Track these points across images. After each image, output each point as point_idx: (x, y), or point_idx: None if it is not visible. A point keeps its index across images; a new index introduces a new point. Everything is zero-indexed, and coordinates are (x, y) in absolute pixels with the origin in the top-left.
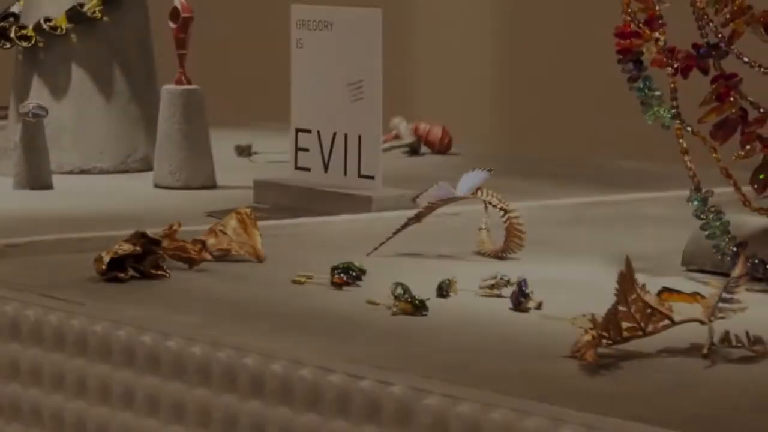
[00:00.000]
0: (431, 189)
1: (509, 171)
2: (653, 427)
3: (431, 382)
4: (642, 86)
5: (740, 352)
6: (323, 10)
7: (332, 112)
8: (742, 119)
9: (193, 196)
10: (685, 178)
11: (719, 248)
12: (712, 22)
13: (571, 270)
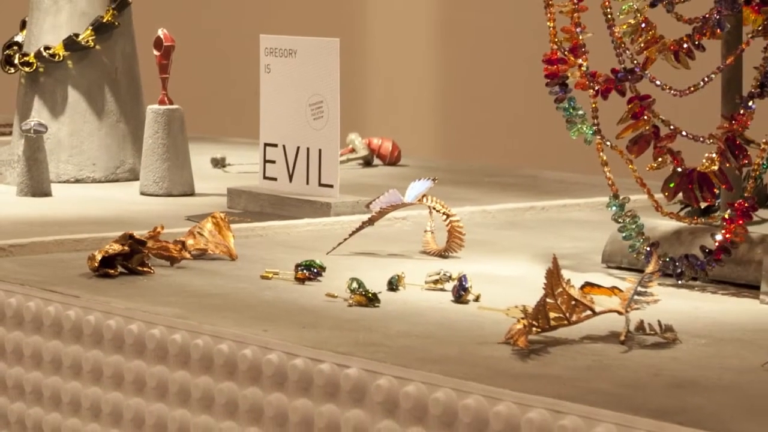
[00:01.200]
0: (382, 196)
1: (451, 180)
2: (577, 404)
3: (383, 365)
4: (567, 106)
5: (653, 338)
6: (288, 39)
7: (296, 129)
8: (654, 135)
9: (174, 203)
10: (604, 187)
11: (635, 248)
12: (628, 50)
13: (505, 267)
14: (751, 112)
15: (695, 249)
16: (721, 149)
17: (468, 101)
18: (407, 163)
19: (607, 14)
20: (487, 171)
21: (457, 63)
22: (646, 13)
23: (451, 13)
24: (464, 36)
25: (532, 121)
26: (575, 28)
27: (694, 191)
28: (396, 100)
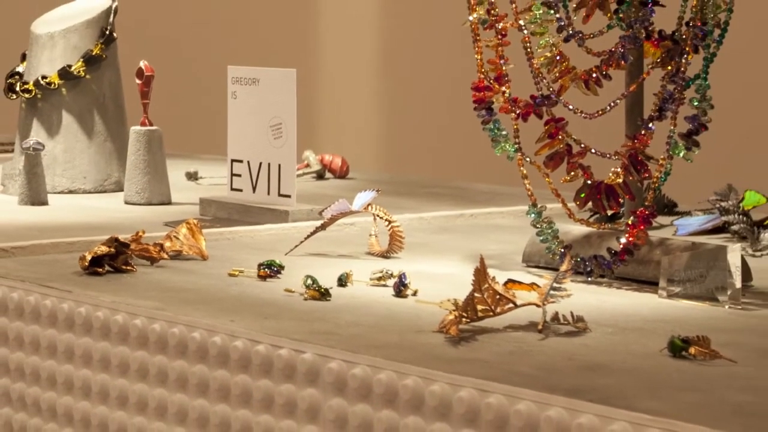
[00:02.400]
0: (333, 205)
1: (392, 191)
2: (501, 384)
3: (334, 350)
4: (492, 127)
5: (566, 327)
6: (252, 69)
7: (259, 147)
8: (567, 152)
9: (154, 211)
10: (525, 197)
11: (551, 249)
12: (545, 79)
13: (439, 266)
14: (651, 132)
15: (603, 250)
16: (625, 164)
17: (407, 123)
18: (354, 177)
19: (527, 48)
20: (424, 183)
21: (398, 90)
22: (560, 47)
23: (392, 47)
24: (403, 67)
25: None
26: (499, 60)
27: (602, 201)
28: (345, 121)
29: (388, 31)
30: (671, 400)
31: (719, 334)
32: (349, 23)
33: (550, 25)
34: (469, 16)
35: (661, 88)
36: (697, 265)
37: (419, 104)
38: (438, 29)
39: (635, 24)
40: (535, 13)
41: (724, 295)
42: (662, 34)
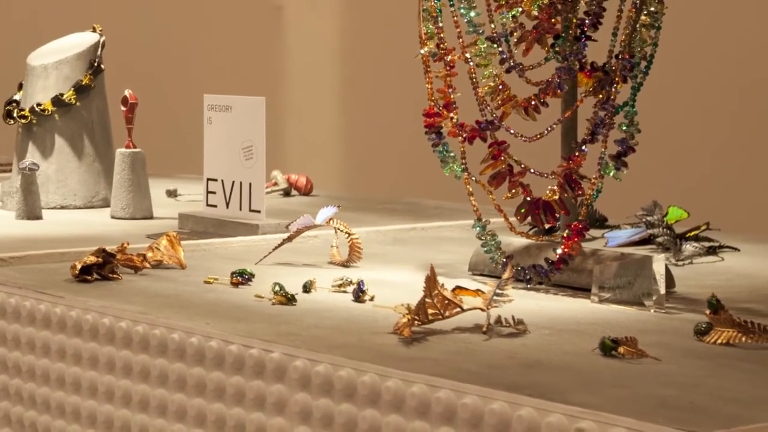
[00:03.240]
0: (298, 219)
1: (352, 207)
2: (449, 381)
3: (299, 350)
4: (442, 150)
5: (508, 329)
6: (225, 97)
7: (232, 167)
8: (509, 172)
9: (137, 224)
10: (471, 212)
11: (494, 259)
12: (489, 106)
13: (394, 274)
14: (584, 154)
15: (541, 260)
16: (561, 183)
17: (365, 145)
18: (318, 194)
19: (473, 78)
20: (380, 200)
21: (357, 116)
22: (502, 77)
23: (352, 77)
24: (362, 95)
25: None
26: (448, 89)
27: (540, 215)
28: (309, 144)
29: (349, 64)
30: (602, 394)
31: (645, 335)
32: (313, 56)
33: (493, 57)
34: (420, 50)
35: (594, 114)
36: (625, 274)
37: (376, 129)
38: (393, 62)
39: (570, 57)
40: (480, 47)
41: (649, 300)
42: (594, 65)
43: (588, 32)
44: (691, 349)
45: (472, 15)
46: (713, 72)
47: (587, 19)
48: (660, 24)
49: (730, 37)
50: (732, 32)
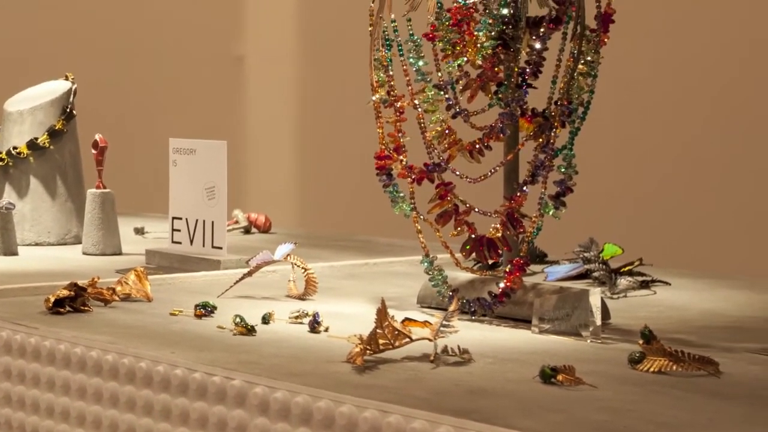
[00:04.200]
0: (258, 255)
1: (308, 243)
2: (399, 406)
3: (258, 377)
4: (392, 190)
5: (454, 358)
6: (189, 141)
7: (195, 206)
8: (455, 211)
9: (107, 260)
10: (419, 249)
11: (441, 293)
12: (436, 149)
13: (347, 307)
14: (525, 194)
15: (485, 294)
16: (503, 221)
17: (321, 186)
18: (276, 231)
19: (421, 123)
20: (334, 237)
21: (312, 158)
22: (449, 122)
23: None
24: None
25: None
26: (398, 133)
27: (484, 252)
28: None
29: (305, 110)
30: (542, 419)
31: (583, 364)
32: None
33: (440, 104)
34: (372, 97)
35: (534, 157)
36: (564, 306)
37: (331, 171)
38: (347, 108)
39: (512, 103)
40: (428, 94)
41: (586, 331)
42: (535, 111)
43: (529, 80)
44: (625, 376)
45: (421, 64)
46: (646, 117)
47: (528, 67)
48: (596, 72)
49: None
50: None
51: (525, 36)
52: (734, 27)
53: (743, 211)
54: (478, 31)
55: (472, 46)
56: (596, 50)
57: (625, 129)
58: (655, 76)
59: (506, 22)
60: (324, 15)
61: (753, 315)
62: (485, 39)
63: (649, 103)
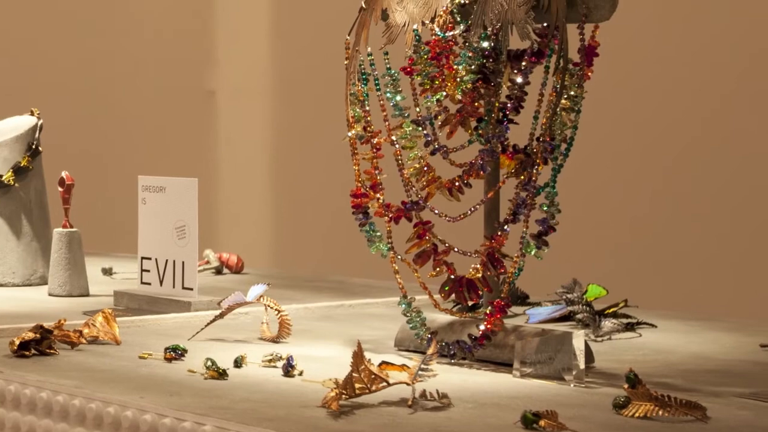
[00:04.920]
0: (230, 296)
1: (281, 284)
2: None
3: (230, 423)
4: (368, 229)
5: (433, 403)
6: (159, 179)
7: (165, 246)
8: (434, 251)
9: (74, 302)
10: (396, 290)
11: (419, 335)
12: (414, 187)
13: (322, 349)
14: (506, 233)
15: (464, 336)
16: (484, 261)
17: (294, 225)
18: (249, 272)
19: (398, 160)
20: (309, 277)
21: (286, 196)
22: (427, 159)
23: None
24: (291, 176)
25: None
26: (374, 170)
27: (464, 293)
28: (240, 224)
29: (279, 146)
30: None
31: (566, 409)
32: (245, 138)
33: (418, 140)
34: (348, 133)
35: (515, 195)
36: (546, 349)
37: (305, 209)
38: (321, 144)
39: (492, 139)
40: (406, 130)
41: (570, 375)
42: (516, 148)
43: (510, 115)
44: (610, 422)
45: (398, 99)
46: (630, 153)
47: (509, 102)
48: (580, 107)
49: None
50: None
51: (506, 70)
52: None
53: (732, 252)
54: (457, 65)
55: (452, 80)
56: (580, 84)
57: (609, 165)
58: (639, 110)
59: (487, 56)
60: (298, 48)
61: (742, 358)
62: (465, 73)
63: (634, 139)
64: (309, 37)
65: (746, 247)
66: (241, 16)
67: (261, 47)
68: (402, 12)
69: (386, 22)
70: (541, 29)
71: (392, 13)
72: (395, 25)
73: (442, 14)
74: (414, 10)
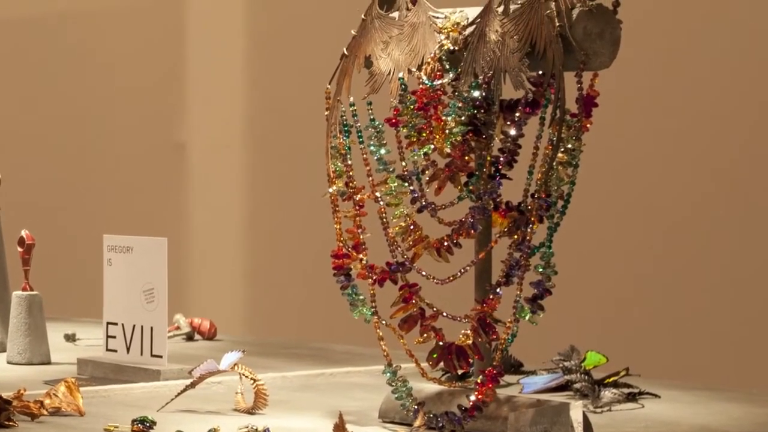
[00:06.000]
0: (202, 364)
1: (257, 352)
2: None
3: None
4: (351, 292)
5: None
6: (126, 238)
7: (132, 310)
8: (421, 316)
9: (35, 370)
10: (381, 357)
11: (405, 406)
12: (400, 247)
13: (301, 421)
14: (498, 297)
15: (454, 407)
16: (474, 327)
17: (271, 288)
18: (222, 338)
19: (383, 218)
20: (286, 344)
21: (262, 256)
22: (414, 217)
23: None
24: (267, 235)
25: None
26: (357, 229)
27: (453, 361)
28: (213, 287)
29: (254, 203)
30: None
31: None
32: (217, 194)
33: (404, 196)
34: (329, 188)
35: (508, 255)
36: (541, 421)
37: (282, 270)
38: (300, 200)
39: (484, 196)
40: (391, 186)
41: None
42: (509, 205)
43: (503, 170)
44: None
45: (383, 152)
46: (631, 211)
47: (502, 156)
48: (578, 162)
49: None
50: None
51: (498, 121)
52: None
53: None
54: (446, 116)
55: (440, 132)
56: (578, 137)
57: (609, 224)
58: (642, 165)
59: (478, 106)
60: (275, 97)
61: (751, 430)
62: (454, 124)
63: (636, 196)
64: (286, 86)
65: (756, 313)
66: (213, 62)
67: (235, 96)
68: (387, 59)
69: (370, 69)
70: (536, 77)
71: (376, 60)
72: (379, 73)
73: (430, 61)
74: (400, 56)
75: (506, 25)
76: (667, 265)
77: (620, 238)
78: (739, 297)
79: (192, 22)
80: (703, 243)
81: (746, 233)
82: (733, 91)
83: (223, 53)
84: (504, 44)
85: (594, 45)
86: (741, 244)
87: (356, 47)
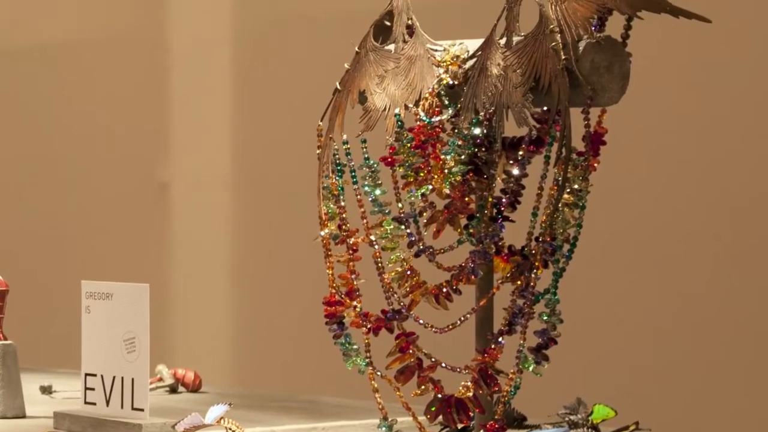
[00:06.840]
0: (186, 418)
1: (244, 404)
2: None
3: None
4: (344, 342)
5: None
6: (105, 284)
7: (112, 361)
8: (418, 366)
9: (8, 424)
10: (376, 410)
11: None
12: (396, 294)
13: None
14: (500, 346)
15: None
16: (475, 378)
17: (259, 336)
18: (207, 390)
19: (378, 263)
20: (275, 397)
21: (249, 305)
22: (411, 262)
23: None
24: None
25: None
26: (350, 275)
27: (452, 414)
28: (198, 336)
29: (240, 247)
30: None
31: None
32: (202, 238)
33: (400, 240)
34: (320, 231)
35: (511, 302)
36: None
37: (271, 319)
38: (289, 245)
39: (485, 239)
40: (386, 229)
41: None
42: (512, 249)
43: (505, 212)
44: None
45: (378, 193)
46: (642, 255)
47: (504, 197)
48: (584, 203)
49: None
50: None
51: (500, 160)
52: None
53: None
54: (445, 155)
55: (439, 171)
56: (584, 177)
57: (618, 270)
58: (652, 206)
59: (478, 144)
60: (263, 135)
61: None
62: (454, 163)
63: (647, 240)
64: (276, 123)
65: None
66: (198, 97)
67: (222, 133)
68: (382, 94)
69: (364, 105)
70: (541, 114)
71: (371, 96)
72: (374, 109)
73: (428, 97)
74: (396, 92)
75: (509, 58)
76: (680, 314)
77: (629, 285)
78: (757, 350)
79: (177, 56)
80: (718, 292)
81: (762, 276)
82: (753, 130)
83: (210, 87)
84: (506, 78)
85: (602, 79)
86: (761, 296)
87: (350, 82)
